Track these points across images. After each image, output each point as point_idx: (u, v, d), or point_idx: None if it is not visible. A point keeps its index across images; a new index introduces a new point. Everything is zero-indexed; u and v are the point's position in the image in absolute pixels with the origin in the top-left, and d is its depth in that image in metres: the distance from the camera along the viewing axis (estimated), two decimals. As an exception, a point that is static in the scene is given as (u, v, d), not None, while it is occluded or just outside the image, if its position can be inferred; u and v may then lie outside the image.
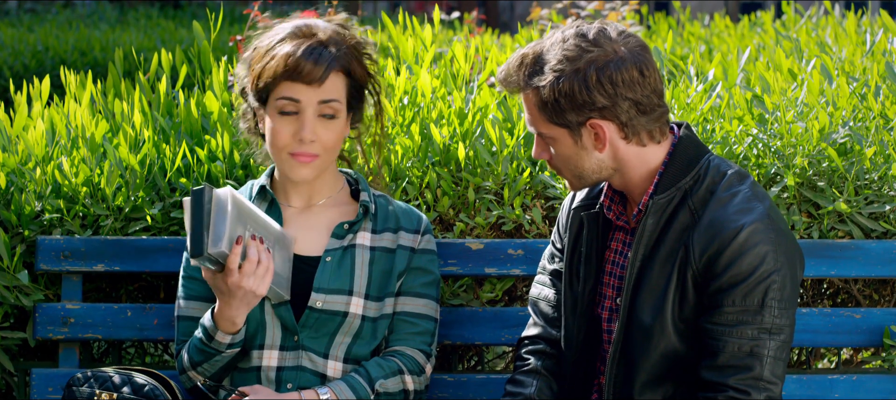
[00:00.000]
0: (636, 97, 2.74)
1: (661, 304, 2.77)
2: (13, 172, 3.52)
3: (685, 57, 6.40)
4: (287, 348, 3.04)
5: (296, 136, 3.00)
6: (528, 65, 2.78)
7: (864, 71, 4.06)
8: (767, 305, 2.70)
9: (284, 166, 3.04)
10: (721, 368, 2.71)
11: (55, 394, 3.36)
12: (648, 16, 7.96)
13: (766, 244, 2.69)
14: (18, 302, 3.40)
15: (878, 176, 3.41)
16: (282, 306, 3.02)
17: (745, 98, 3.63)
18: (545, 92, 2.74)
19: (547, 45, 2.77)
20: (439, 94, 3.68)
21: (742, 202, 2.73)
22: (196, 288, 3.12)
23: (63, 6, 15.81)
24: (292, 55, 2.97)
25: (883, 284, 3.52)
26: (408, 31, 4.04)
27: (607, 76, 2.71)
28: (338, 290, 3.03)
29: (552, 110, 2.76)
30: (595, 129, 2.76)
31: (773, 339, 2.71)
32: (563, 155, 2.82)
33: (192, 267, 3.12)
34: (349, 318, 3.03)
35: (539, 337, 3.06)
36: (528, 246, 3.35)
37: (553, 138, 2.81)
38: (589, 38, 2.74)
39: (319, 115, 3.00)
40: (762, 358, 2.70)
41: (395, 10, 18.28)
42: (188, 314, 3.11)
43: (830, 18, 6.35)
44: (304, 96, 2.99)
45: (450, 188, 3.45)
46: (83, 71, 3.89)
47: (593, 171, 2.82)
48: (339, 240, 3.07)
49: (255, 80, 3.03)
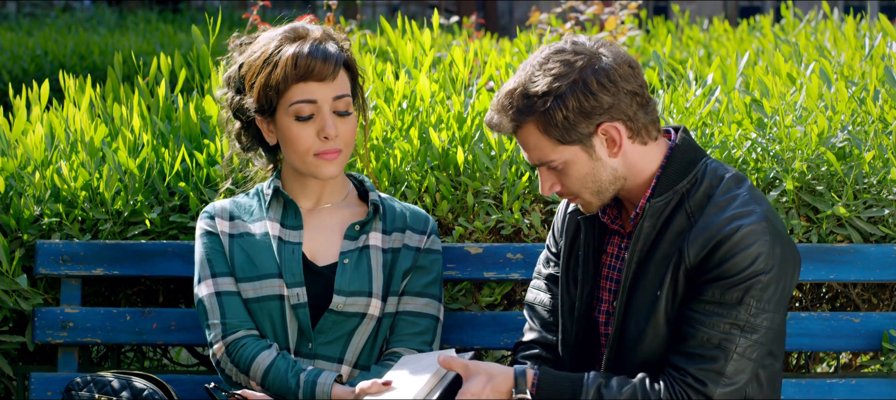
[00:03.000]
0: (634, 88, 2.75)
1: (654, 304, 2.78)
2: (12, 176, 3.52)
3: (684, 61, 6.39)
4: (302, 354, 3.04)
5: (319, 135, 3.00)
6: (519, 99, 2.75)
7: (862, 75, 4.05)
8: (745, 302, 2.71)
9: (310, 168, 3.04)
10: (687, 355, 2.73)
11: (54, 398, 3.36)
12: (647, 19, 7.96)
13: (761, 246, 2.70)
14: (17, 306, 3.40)
15: (877, 180, 3.41)
16: (300, 307, 3.01)
17: (743, 102, 3.63)
18: (552, 113, 2.73)
19: (527, 75, 2.75)
20: (438, 99, 3.68)
21: (740, 205, 2.74)
22: (226, 265, 3.06)
23: (62, 10, 15.80)
24: (300, 56, 2.97)
25: (882, 288, 3.52)
26: (407, 35, 4.04)
27: (605, 75, 2.73)
28: (358, 291, 3.03)
29: (563, 129, 2.74)
30: (607, 134, 2.76)
31: (745, 336, 2.72)
32: (578, 176, 2.80)
33: (214, 248, 3.07)
34: (367, 319, 3.03)
35: (536, 341, 3.06)
36: (527, 250, 3.35)
37: (566, 161, 2.79)
38: (568, 50, 2.75)
39: (334, 112, 3.01)
40: (729, 353, 2.71)
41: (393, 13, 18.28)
42: (226, 289, 3.04)
43: (829, 22, 6.34)
44: (319, 95, 2.99)
45: (449, 192, 3.45)
46: (82, 75, 3.90)
47: (610, 181, 2.81)
48: (353, 241, 3.08)
49: (259, 91, 3.01)
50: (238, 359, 3.01)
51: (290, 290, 3.00)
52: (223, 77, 3.13)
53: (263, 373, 2.98)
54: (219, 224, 3.10)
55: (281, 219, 3.09)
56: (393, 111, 3.62)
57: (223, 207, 3.13)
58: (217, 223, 3.10)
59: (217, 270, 3.06)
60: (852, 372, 3.67)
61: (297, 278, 3.01)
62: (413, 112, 3.65)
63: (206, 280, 3.06)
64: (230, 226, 3.10)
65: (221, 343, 3.03)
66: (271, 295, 3.02)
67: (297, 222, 3.08)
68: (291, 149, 3.03)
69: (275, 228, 3.07)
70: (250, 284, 3.04)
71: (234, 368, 3.02)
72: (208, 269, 3.07)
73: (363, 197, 3.18)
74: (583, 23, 6.73)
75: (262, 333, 3.03)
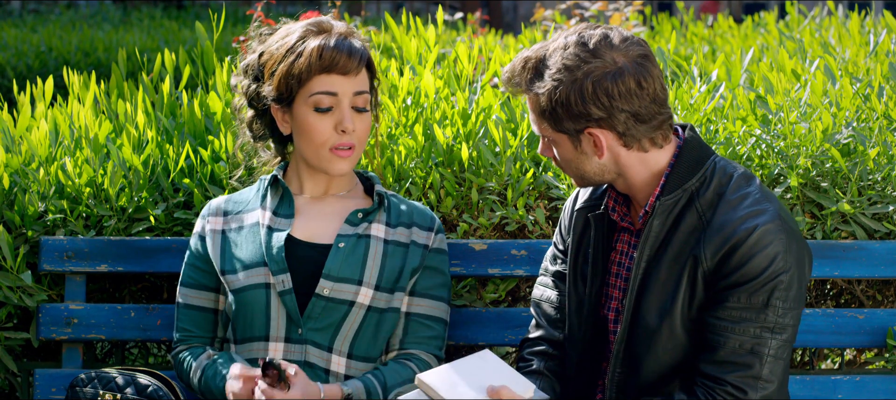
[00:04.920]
0: (633, 109, 2.74)
1: (670, 306, 2.78)
2: (17, 173, 3.52)
3: (689, 57, 6.39)
4: (292, 341, 3.03)
5: (337, 128, 3.01)
6: (531, 69, 2.79)
7: (867, 71, 4.05)
8: (772, 304, 2.71)
9: (324, 162, 3.05)
10: (721, 364, 2.73)
11: (58, 394, 3.36)
12: (652, 16, 7.95)
13: (777, 245, 2.71)
14: (22, 302, 3.40)
15: (882, 176, 3.41)
16: (286, 294, 3.02)
17: (748, 99, 3.63)
18: (543, 100, 2.76)
19: (550, 49, 2.78)
20: (443, 95, 3.68)
21: (752, 204, 2.74)
22: (198, 276, 3.13)
23: (66, 7, 15.81)
24: (325, 48, 3.00)
25: (886, 284, 3.52)
26: (411, 32, 4.04)
27: (603, 88, 2.72)
28: (347, 278, 3.03)
29: (550, 117, 2.78)
30: (593, 138, 2.77)
31: (775, 338, 2.72)
32: (564, 158, 2.85)
33: (196, 255, 3.13)
34: (355, 308, 3.03)
35: (542, 338, 3.06)
36: (532, 246, 3.35)
37: (555, 141, 2.83)
38: (589, 48, 2.74)
39: (352, 108, 3.02)
40: (762, 356, 2.72)
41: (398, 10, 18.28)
42: (188, 303, 3.14)
43: (834, 19, 6.34)
44: (340, 88, 3.01)
45: (453, 189, 3.45)
46: (86, 71, 3.89)
47: (595, 173, 2.83)
48: (352, 227, 3.08)
49: (280, 80, 3.02)
50: (180, 370, 3.13)
51: (276, 277, 3.02)
52: (241, 65, 3.16)
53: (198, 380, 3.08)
54: (210, 223, 3.15)
55: (275, 208, 3.10)
56: (397, 107, 3.62)
57: (217, 206, 3.17)
58: (209, 223, 3.15)
59: (184, 280, 3.16)
60: (856, 368, 3.67)
61: (281, 265, 3.02)
62: (417, 108, 3.65)
63: (179, 287, 3.17)
64: (223, 222, 3.14)
65: (173, 353, 3.16)
66: (257, 283, 3.03)
67: (289, 211, 3.09)
68: (306, 140, 3.04)
69: (266, 218, 3.09)
70: (238, 274, 3.06)
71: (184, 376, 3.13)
72: (181, 276, 3.17)
73: (369, 192, 3.18)
74: (587, 19, 6.72)
75: (250, 322, 3.04)
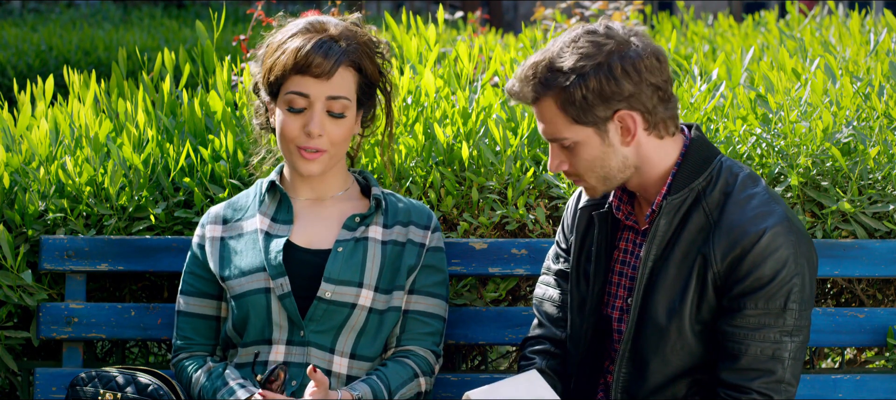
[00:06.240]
0: (657, 82, 2.75)
1: (679, 306, 2.78)
2: (17, 172, 3.52)
3: (689, 56, 6.38)
4: (294, 343, 3.04)
5: (303, 129, 3.01)
6: (543, 72, 2.76)
7: (867, 70, 4.05)
8: (789, 307, 2.72)
9: (293, 160, 3.06)
10: (743, 371, 2.74)
11: (59, 393, 3.36)
12: (652, 15, 7.95)
13: (787, 248, 2.71)
14: (22, 301, 3.40)
15: (882, 176, 3.41)
16: (286, 297, 3.02)
17: (748, 98, 3.63)
18: (572, 91, 2.73)
19: (556, 49, 2.77)
20: (443, 94, 3.68)
21: (760, 205, 2.75)
22: (198, 284, 3.13)
23: (66, 6, 15.82)
24: (302, 49, 3.00)
25: (887, 283, 3.52)
26: (411, 31, 4.04)
27: (631, 63, 2.73)
28: (347, 281, 3.03)
29: (579, 109, 2.74)
30: (622, 122, 2.76)
31: (793, 340, 2.74)
32: (587, 158, 2.80)
33: (196, 263, 3.13)
34: (357, 310, 3.03)
35: (543, 337, 3.06)
36: (532, 246, 3.34)
37: (577, 142, 2.79)
38: (600, 33, 2.75)
39: (327, 112, 3.01)
40: (783, 360, 2.73)
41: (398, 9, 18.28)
42: (188, 310, 3.14)
43: (834, 18, 6.34)
44: (312, 91, 3.00)
45: (453, 188, 3.45)
46: (87, 70, 3.90)
47: (619, 169, 2.81)
48: (350, 231, 3.08)
49: (266, 74, 3.05)
50: (181, 378, 3.14)
51: (274, 281, 3.02)
52: (257, 52, 3.17)
53: (197, 393, 3.08)
54: (209, 231, 3.15)
55: (273, 213, 3.11)
56: (398, 106, 3.62)
57: (217, 213, 3.18)
58: (208, 230, 3.16)
59: (185, 288, 3.17)
60: (857, 368, 3.67)
61: (279, 270, 3.02)
62: (418, 107, 3.65)
63: (179, 295, 3.18)
64: (222, 229, 3.14)
65: (173, 362, 3.18)
66: (257, 288, 3.04)
67: (288, 217, 3.10)
68: (279, 136, 3.07)
69: (264, 223, 3.09)
70: (237, 280, 3.06)
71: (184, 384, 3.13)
72: (181, 284, 3.18)
73: (366, 193, 3.18)
74: (587, 18, 6.73)
75: (252, 325, 3.04)
